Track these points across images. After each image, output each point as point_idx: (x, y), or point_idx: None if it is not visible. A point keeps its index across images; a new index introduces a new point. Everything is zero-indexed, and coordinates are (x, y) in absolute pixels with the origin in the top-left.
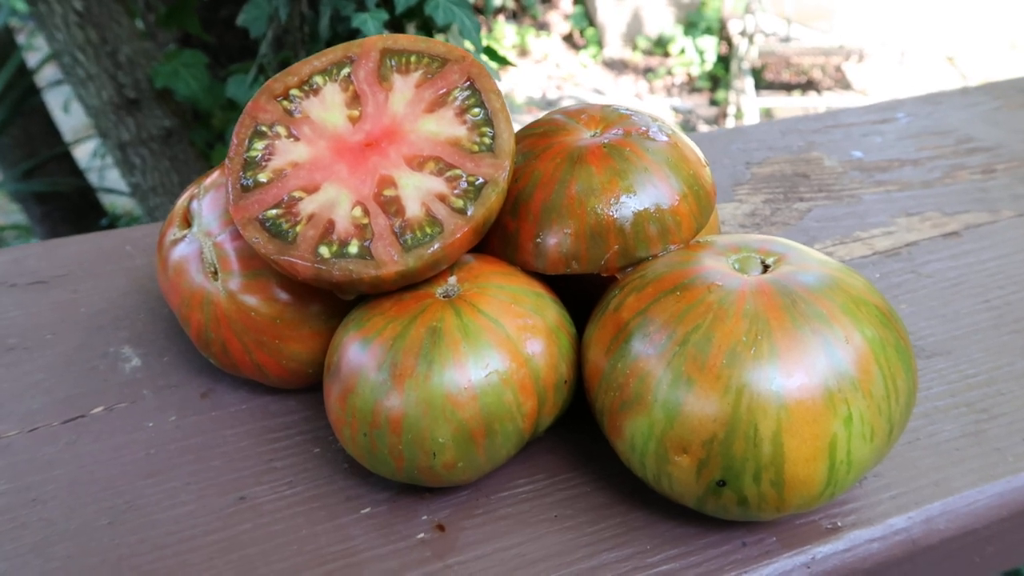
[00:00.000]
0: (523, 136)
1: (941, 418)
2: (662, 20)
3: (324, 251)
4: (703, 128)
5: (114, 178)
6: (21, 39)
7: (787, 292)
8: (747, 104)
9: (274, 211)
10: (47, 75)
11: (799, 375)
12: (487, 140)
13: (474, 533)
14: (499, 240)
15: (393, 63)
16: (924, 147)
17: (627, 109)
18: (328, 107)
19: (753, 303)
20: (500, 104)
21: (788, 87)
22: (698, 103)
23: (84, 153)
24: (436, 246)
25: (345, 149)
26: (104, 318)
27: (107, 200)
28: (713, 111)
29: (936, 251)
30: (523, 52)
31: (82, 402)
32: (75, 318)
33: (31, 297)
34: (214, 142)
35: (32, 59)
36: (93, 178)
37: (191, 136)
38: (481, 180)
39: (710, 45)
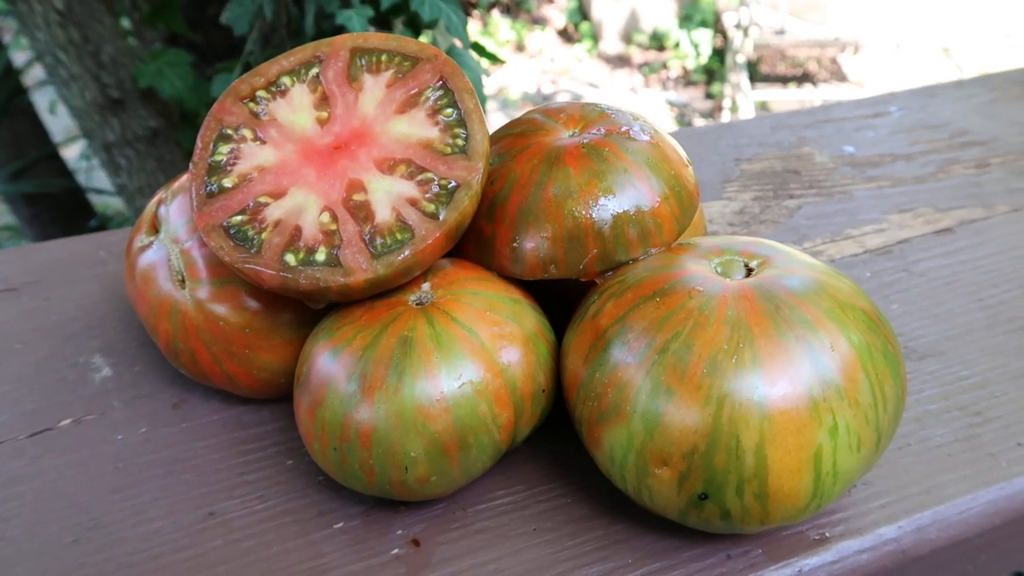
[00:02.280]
0: (500, 136)
1: (933, 422)
2: (658, 14)
3: (290, 259)
4: (699, 122)
5: (104, 178)
6: (8, 39)
7: (771, 297)
8: (742, 97)
9: (239, 217)
10: (35, 74)
11: (782, 384)
12: (460, 142)
13: (450, 548)
14: (474, 245)
15: (363, 62)
16: (917, 141)
17: (608, 107)
18: (296, 109)
19: (735, 309)
20: (474, 104)
21: (783, 80)
22: (694, 96)
23: (73, 153)
24: (406, 253)
25: (313, 152)
26: (75, 326)
27: (98, 200)
28: (709, 104)
29: (929, 248)
30: (519, 47)
31: (50, 414)
32: (46, 326)
33: (1, 305)
34: None
35: (19, 58)
36: (82, 178)
37: (178, 136)
38: (454, 184)
39: (705, 38)
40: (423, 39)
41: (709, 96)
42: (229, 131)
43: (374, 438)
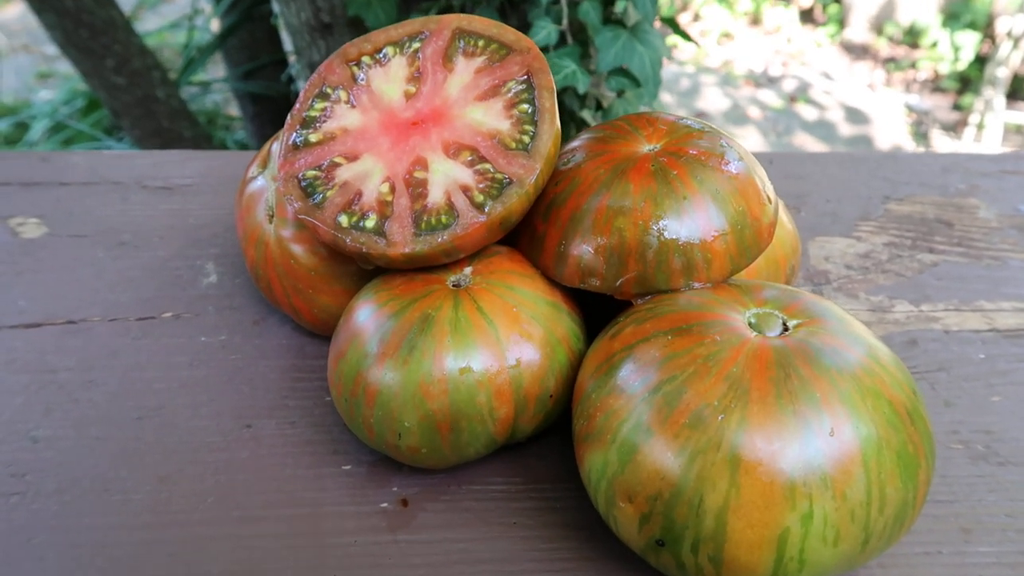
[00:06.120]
0: (584, 137)
1: (981, 537)
2: (919, 7)
3: (344, 220)
4: (936, 134)
5: None
6: None
7: (786, 364)
8: (992, 117)
9: (313, 172)
10: None
11: (762, 456)
12: (526, 139)
13: (433, 517)
14: (527, 240)
15: (462, 45)
16: None
17: (704, 126)
18: (390, 80)
19: (741, 367)
20: (550, 104)
21: None
22: (939, 105)
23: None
24: (445, 237)
25: (392, 124)
26: (203, 232)
27: None
28: (954, 117)
29: None
30: (755, 20)
31: (158, 305)
32: (182, 226)
33: (155, 200)
34: None
35: None
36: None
37: None
38: (508, 179)
39: (970, 42)
40: (618, 6)
41: (956, 107)
42: (328, 90)
43: (377, 400)
